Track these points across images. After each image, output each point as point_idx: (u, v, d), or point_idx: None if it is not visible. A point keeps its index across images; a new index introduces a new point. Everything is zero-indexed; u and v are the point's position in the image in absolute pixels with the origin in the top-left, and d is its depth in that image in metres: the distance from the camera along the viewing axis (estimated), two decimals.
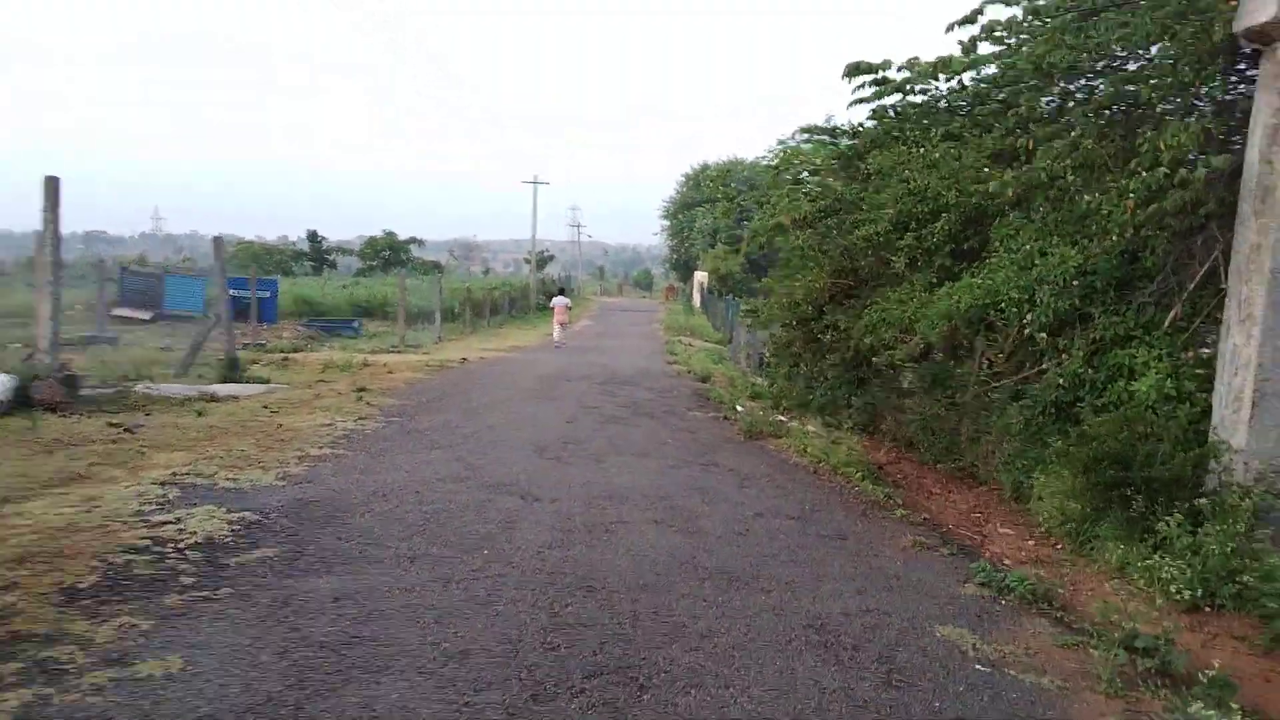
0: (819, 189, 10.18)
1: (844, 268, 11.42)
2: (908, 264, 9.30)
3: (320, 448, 8.59)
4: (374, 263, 65.43)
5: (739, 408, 13.68)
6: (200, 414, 10.27)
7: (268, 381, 14.26)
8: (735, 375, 19.09)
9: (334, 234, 73.44)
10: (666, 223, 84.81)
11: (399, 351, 22.24)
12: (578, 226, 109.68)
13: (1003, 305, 7.69)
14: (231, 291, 28.26)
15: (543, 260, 73.82)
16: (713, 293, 54.70)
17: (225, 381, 13.76)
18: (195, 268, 54.32)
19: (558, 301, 28.06)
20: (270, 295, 29.34)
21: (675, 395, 15.30)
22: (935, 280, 9.05)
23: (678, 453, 9.40)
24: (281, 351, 20.30)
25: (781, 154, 14.80)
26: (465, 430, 10.02)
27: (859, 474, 8.31)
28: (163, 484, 6.72)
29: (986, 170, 8.73)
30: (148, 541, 5.21)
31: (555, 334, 26.82)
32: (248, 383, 13.91)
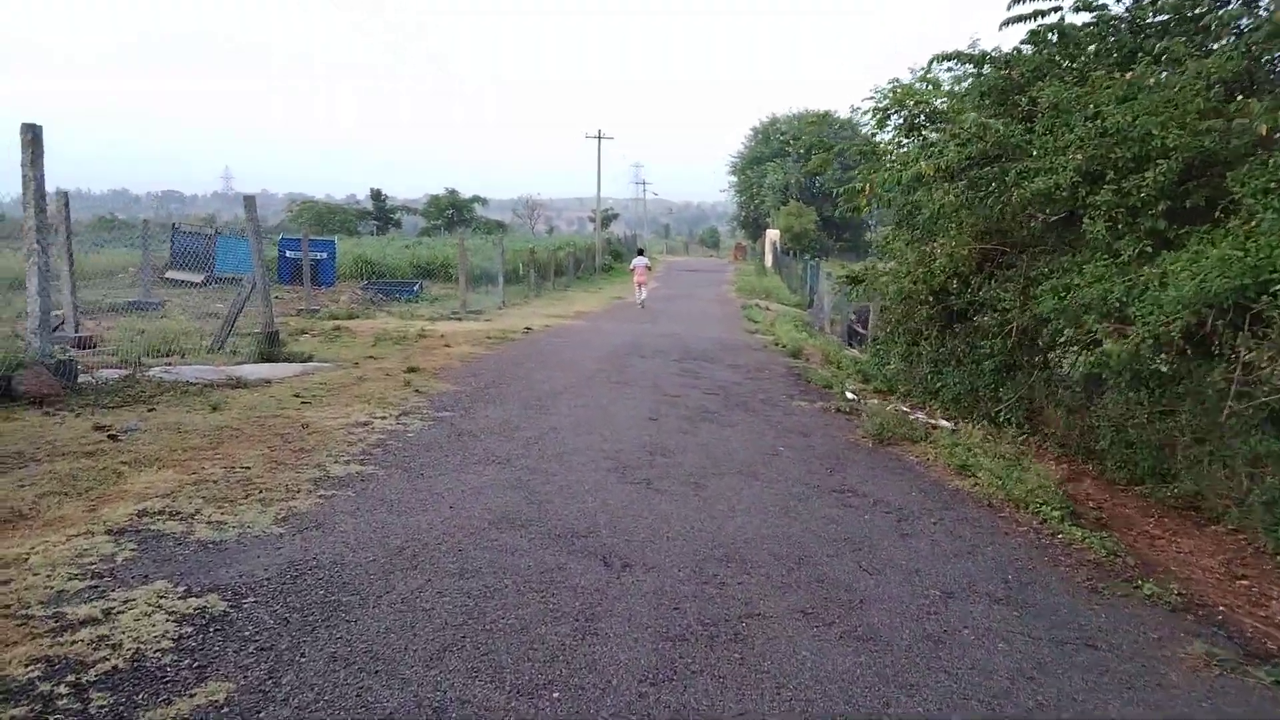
0: (975, 130, 7.90)
1: (994, 230, 9.15)
2: (1108, 228, 7.01)
3: (347, 462, 6.76)
4: (438, 222, 64.10)
5: (849, 394, 11.58)
6: (215, 409, 8.53)
7: (309, 359, 12.56)
8: (831, 349, 16.91)
9: (401, 193, 72.40)
10: (734, 179, 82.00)
11: (459, 319, 20.55)
12: (642, 184, 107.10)
13: (1276, 288, 5.43)
14: (288, 254, 27.18)
15: (607, 218, 71.65)
16: (787, 252, 52.25)
17: (262, 359, 12.09)
18: (266, 227, 53.53)
19: (638, 262, 28.66)
20: (327, 257, 27.94)
21: (767, 376, 13.22)
22: (1150, 249, 6.77)
23: (796, 469, 7.35)
24: (335, 319, 18.71)
25: (891, 93, 12.32)
26: (527, 433, 8.10)
27: (1057, 513, 6.16)
28: (119, 533, 4.92)
29: (1238, 100, 6.43)
30: (41, 667, 3.37)
31: (637, 294, 27.79)
32: (286, 361, 12.21)
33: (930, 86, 11.91)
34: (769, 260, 57.02)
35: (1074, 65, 8.45)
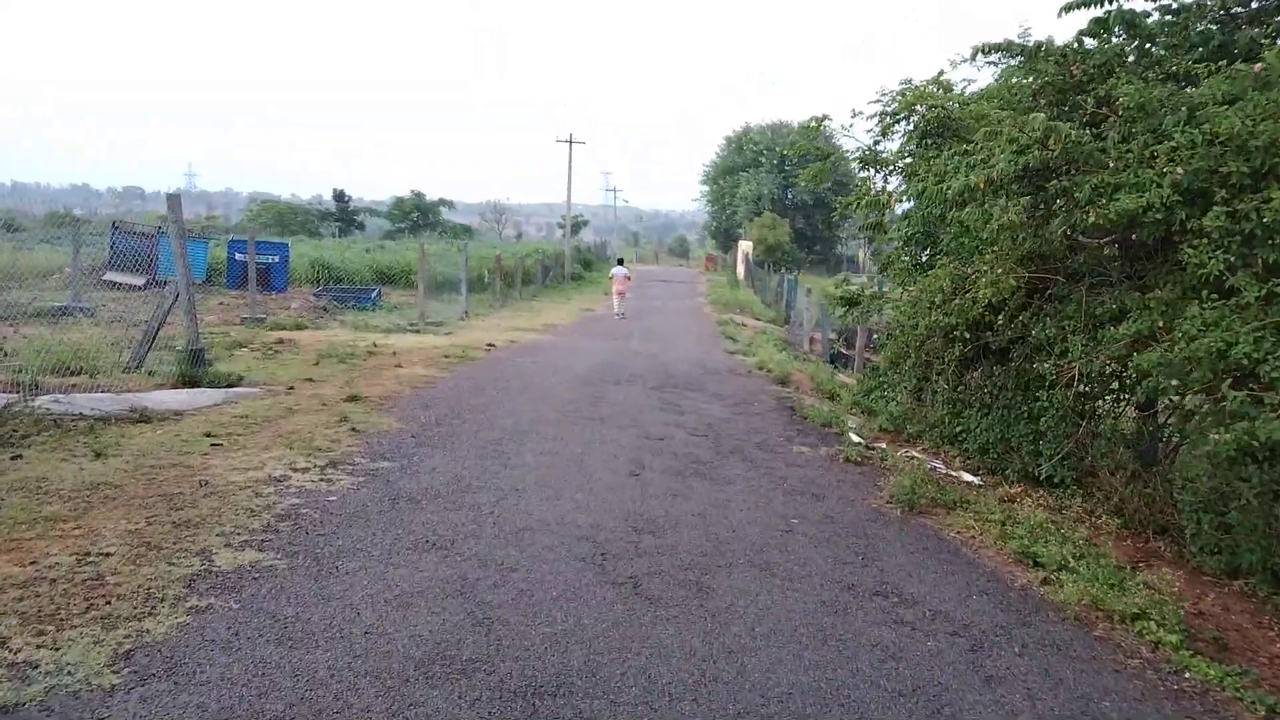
0: (1039, 134, 6.45)
1: (1037, 255, 7.73)
2: (1225, 262, 5.58)
3: (241, 545, 5.17)
4: (403, 225, 62.32)
5: (854, 437, 10.12)
6: (99, 455, 6.91)
7: (237, 382, 10.90)
8: (821, 376, 15.49)
9: (368, 194, 70.65)
10: (706, 188, 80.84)
11: (417, 331, 18.89)
12: (613, 191, 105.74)
13: None
14: (237, 256, 25.26)
15: (577, 225, 70.17)
16: (760, 264, 51.08)
17: (182, 382, 10.43)
18: (225, 226, 51.27)
19: (617, 272, 28.13)
20: (280, 260, 26.13)
21: (758, 410, 11.76)
22: (1277, 288, 5.36)
23: (819, 556, 5.83)
24: (281, 329, 17.03)
25: (901, 96, 10.84)
26: (480, 497, 6.53)
27: (1174, 637, 4.70)
28: None
29: None
30: None
31: (615, 305, 27.06)
32: (209, 385, 10.52)
33: (941, 90, 10.53)
34: (741, 271, 55.76)
35: (1149, 59, 7.06)
